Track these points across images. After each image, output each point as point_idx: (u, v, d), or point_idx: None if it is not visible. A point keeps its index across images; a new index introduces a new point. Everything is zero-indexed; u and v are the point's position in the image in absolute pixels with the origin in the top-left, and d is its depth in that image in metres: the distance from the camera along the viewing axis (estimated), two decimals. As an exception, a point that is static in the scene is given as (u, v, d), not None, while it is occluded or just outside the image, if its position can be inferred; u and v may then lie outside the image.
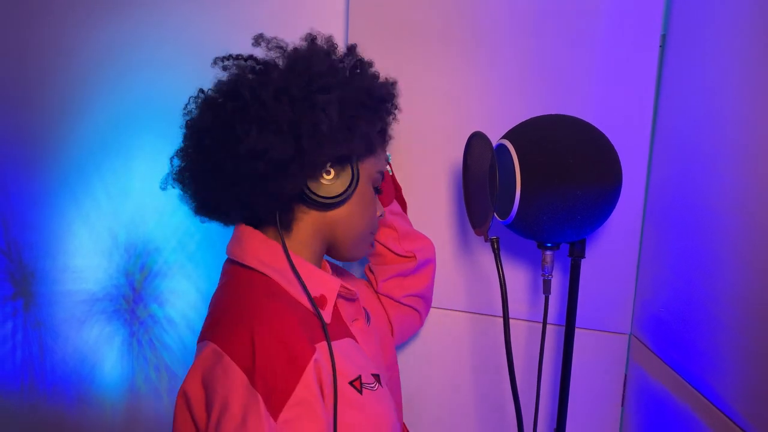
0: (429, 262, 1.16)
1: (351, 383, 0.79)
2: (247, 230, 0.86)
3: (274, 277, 0.82)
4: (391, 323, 1.11)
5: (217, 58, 0.88)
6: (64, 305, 1.62)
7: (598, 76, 1.12)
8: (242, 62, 0.86)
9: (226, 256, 0.90)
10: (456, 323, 1.28)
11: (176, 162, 0.90)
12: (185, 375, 0.76)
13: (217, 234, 1.47)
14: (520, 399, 0.89)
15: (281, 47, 0.86)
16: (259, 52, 0.87)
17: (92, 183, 1.55)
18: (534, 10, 1.15)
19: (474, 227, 0.94)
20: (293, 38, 0.91)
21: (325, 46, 0.87)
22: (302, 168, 0.79)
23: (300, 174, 0.79)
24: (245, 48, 1.10)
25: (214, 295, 0.88)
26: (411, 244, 1.11)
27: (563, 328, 1.10)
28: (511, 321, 0.96)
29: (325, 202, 0.83)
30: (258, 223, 0.87)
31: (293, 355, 0.72)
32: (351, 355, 0.83)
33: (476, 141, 0.92)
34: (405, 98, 1.03)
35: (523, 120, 0.99)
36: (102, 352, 1.60)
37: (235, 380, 0.69)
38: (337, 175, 0.83)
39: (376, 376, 0.85)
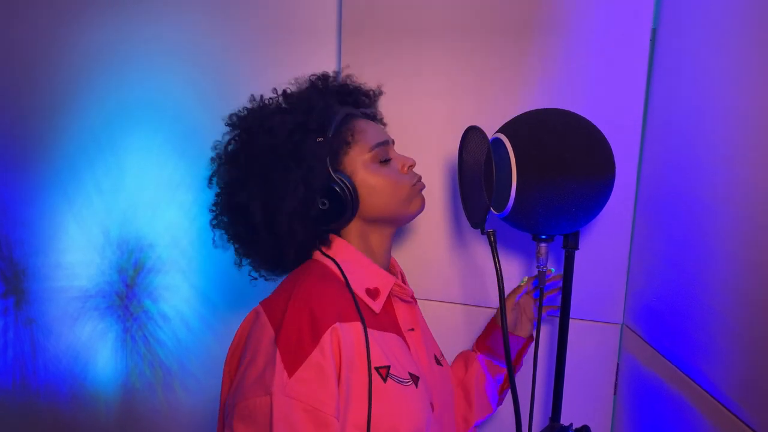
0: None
1: (377, 369, 0.82)
2: None
3: (331, 267, 0.90)
4: None
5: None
6: (56, 302, 1.61)
7: (589, 70, 1.14)
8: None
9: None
10: (451, 315, 1.29)
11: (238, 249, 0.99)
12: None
13: (210, 230, 1.47)
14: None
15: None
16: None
17: (84, 179, 1.54)
18: (526, 5, 1.16)
19: (470, 220, 0.95)
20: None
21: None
22: (288, 241, 0.88)
23: (294, 241, 0.88)
24: (233, 45, 1.09)
25: None
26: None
27: (557, 319, 1.12)
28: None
29: (342, 222, 0.90)
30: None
31: (315, 322, 0.78)
32: (387, 347, 0.86)
33: (472, 135, 0.92)
34: (400, 94, 1.04)
35: (517, 114, 1.00)
36: (95, 348, 1.60)
37: (264, 335, 0.78)
38: (330, 198, 0.88)
39: (414, 377, 0.87)
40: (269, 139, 0.87)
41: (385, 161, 0.94)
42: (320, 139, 0.87)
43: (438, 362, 1.02)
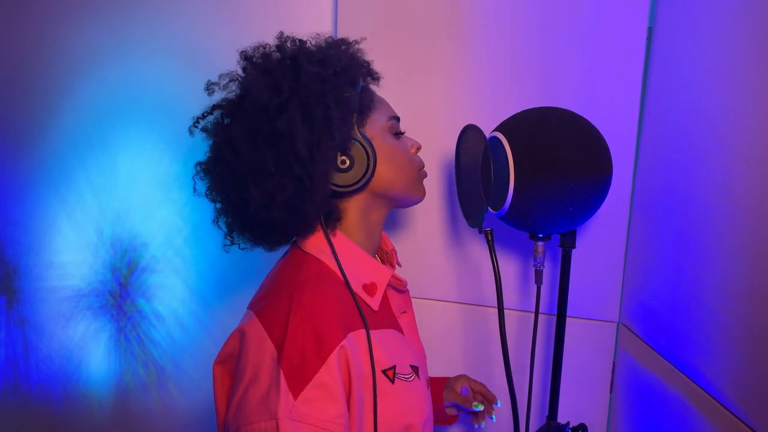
0: None
1: (384, 372, 0.81)
2: None
3: (326, 262, 0.85)
4: None
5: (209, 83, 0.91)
6: (48, 302, 1.59)
7: (586, 68, 1.14)
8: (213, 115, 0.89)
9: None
10: (447, 314, 1.29)
11: (222, 219, 0.92)
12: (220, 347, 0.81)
13: (204, 229, 1.46)
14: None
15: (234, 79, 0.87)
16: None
17: (76, 178, 1.52)
18: (522, 3, 1.16)
19: (467, 219, 0.94)
20: (278, 30, 0.90)
21: (261, 60, 0.86)
22: (318, 187, 0.80)
23: (317, 188, 0.80)
24: (228, 43, 1.06)
25: (270, 270, 0.92)
26: None
27: (552, 318, 1.12)
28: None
29: (358, 186, 0.84)
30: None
31: (320, 340, 0.74)
32: (389, 345, 0.85)
33: (469, 133, 0.92)
34: (397, 92, 1.04)
35: (513, 113, 0.99)
36: (89, 348, 1.58)
37: (265, 353, 0.74)
38: (351, 157, 0.83)
39: (415, 368, 0.86)
40: (319, 69, 0.81)
41: (398, 134, 0.92)
42: (348, 94, 0.83)
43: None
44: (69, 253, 1.56)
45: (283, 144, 0.78)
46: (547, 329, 1.23)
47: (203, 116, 0.88)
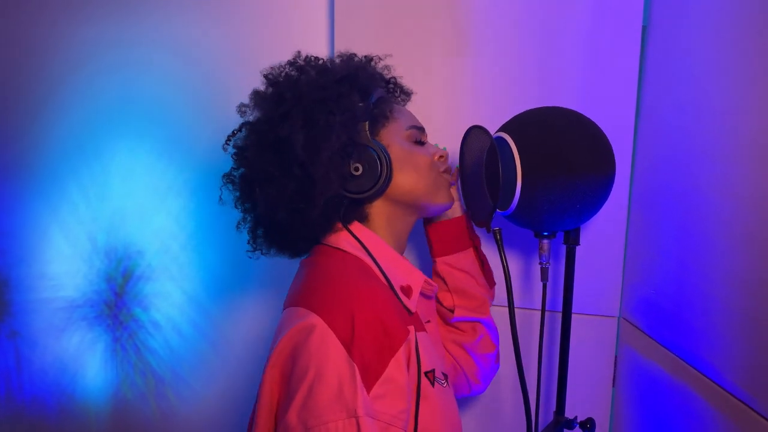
0: (474, 321, 1.08)
1: (426, 374, 0.81)
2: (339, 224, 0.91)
3: (364, 260, 0.86)
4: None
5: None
6: (41, 313, 1.56)
7: (581, 68, 1.15)
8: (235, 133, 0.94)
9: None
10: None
11: (247, 227, 0.96)
12: (274, 346, 0.78)
13: (201, 236, 1.45)
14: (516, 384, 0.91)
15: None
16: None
17: (68, 186, 1.50)
18: (518, 4, 1.17)
19: (474, 220, 0.95)
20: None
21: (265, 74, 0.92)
22: (320, 189, 0.82)
23: (319, 191, 0.83)
24: (223, 47, 1.06)
25: (303, 268, 0.91)
26: (459, 299, 1.07)
27: (554, 314, 1.13)
28: (506, 309, 0.99)
29: (373, 191, 0.86)
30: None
31: (389, 335, 0.75)
32: (428, 348, 0.85)
33: (473, 134, 0.93)
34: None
35: (511, 112, 1.00)
36: (84, 359, 1.56)
37: (331, 350, 0.72)
38: (365, 164, 0.86)
39: (445, 376, 0.87)
40: (320, 78, 0.86)
41: (419, 143, 0.95)
42: (362, 104, 0.87)
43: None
44: (62, 263, 1.54)
45: (285, 148, 0.82)
46: (550, 326, 1.25)
47: (233, 134, 0.93)
